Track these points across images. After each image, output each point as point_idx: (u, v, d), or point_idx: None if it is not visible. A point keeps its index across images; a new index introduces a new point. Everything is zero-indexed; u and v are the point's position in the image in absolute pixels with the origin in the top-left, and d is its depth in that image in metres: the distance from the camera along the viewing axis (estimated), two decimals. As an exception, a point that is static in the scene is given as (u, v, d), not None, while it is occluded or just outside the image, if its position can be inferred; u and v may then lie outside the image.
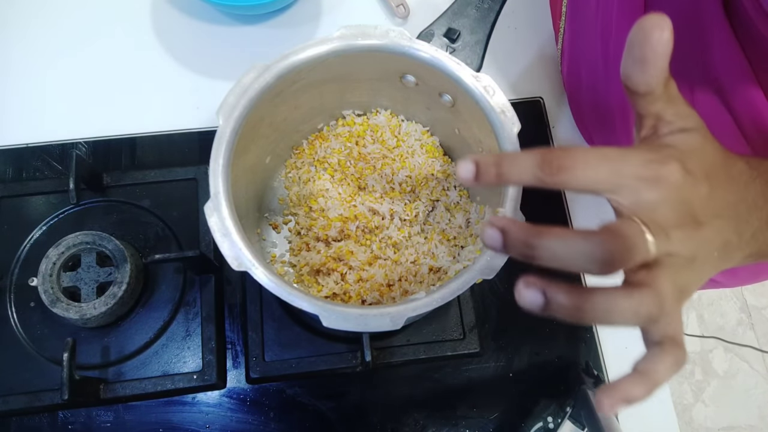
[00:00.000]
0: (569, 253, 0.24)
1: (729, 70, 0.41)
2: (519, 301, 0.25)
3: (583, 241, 0.24)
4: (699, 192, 0.26)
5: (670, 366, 0.26)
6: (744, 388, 1.42)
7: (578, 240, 0.24)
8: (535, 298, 0.24)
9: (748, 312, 1.50)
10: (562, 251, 0.24)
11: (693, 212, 0.26)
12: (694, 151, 0.27)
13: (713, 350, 1.46)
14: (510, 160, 0.27)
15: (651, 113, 0.29)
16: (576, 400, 0.53)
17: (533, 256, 0.25)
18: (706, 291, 1.52)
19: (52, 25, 0.67)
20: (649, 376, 0.26)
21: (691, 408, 1.40)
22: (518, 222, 0.26)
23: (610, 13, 0.49)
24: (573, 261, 0.24)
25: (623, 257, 0.23)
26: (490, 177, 0.27)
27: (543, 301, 0.24)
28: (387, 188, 0.54)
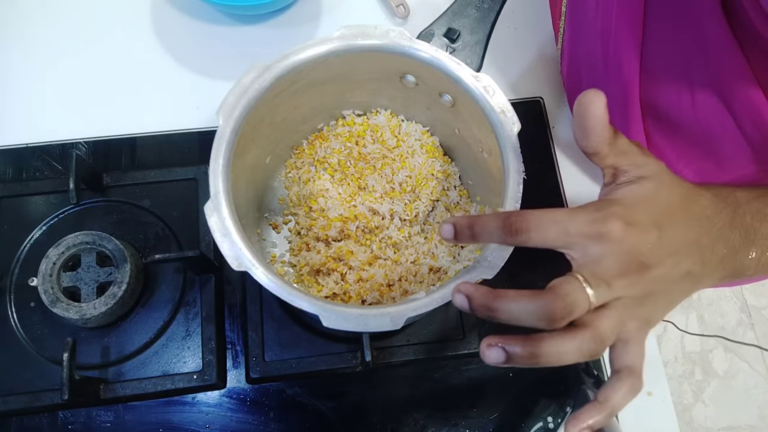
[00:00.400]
0: (520, 314, 0.29)
1: (728, 70, 0.41)
2: (485, 360, 0.29)
3: (531, 302, 0.28)
4: (646, 239, 0.30)
5: (625, 394, 0.30)
6: (744, 388, 1.42)
7: (527, 301, 0.29)
8: (498, 355, 0.29)
9: (748, 312, 1.50)
10: (515, 312, 0.29)
11: (639, 258, 0.30)
12: (643, 201, 0.31)
13: (713, 350, 1.46)
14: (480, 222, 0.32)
15: (607, 166, 0.33)
16: (576, 400, 0.53)
17: (494, 317, 0.30)
18: (706, 291, 1.52)
19: (52, 25, 0.67)
20: (607, 403, 0.30)
21: (691, 408, 1.40)
22: (480, 288, 0.30)
23: (610, 13, 0.49)
24: (524, 319, 0.29)
25: (564, 313, 0.28)
26: (466, 237, 0.33)
27: (504, 356, 0.29)
28: (387, 188, 0.54)
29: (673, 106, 0.47)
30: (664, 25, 0.45)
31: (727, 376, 1.43)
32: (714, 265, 0.33)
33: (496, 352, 0.29)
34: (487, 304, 0.30)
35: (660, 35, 0.46)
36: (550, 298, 0.28)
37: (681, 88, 0.45)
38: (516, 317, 0.29)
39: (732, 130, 0.44)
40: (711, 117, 0.44)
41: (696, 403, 1.41)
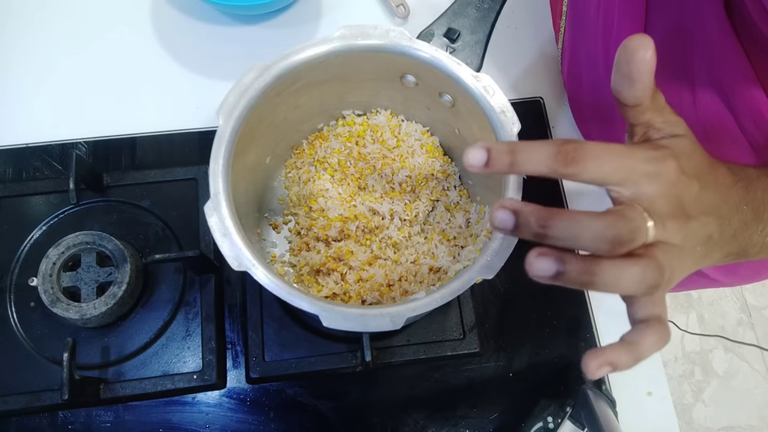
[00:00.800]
0: (581, 232, 0.26)
1: (731, 70, 0.41)
2: (531, 271, 0.26)
3: (594, 220, 0.26)
4: (690, 189, 0.29)
5: (655, 341, 0.28)
6: (744, 388, 1.42)
7: (590, 220, 0.26)
8: (549, 266, 0.26)
9: (748, 312, 1.50)
10: (574, 230, 0.26)
11: (684, 207, 0.29)
12: (686, 153, 0.30)
13: (713, 350, 1.46)
14: (526, 148, 0.28)
15: (641, 122, 0.31)
16: (576, 400, 0.53)
17: (546, 234, 0.26)
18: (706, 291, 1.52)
19: (52, 25, 0.67)
20: (636, 347, 0.28)
21: (691, 408, 1.40)
22: (529, 203, 0.27)
23: (612, 13, 0.49)
24: (584, 240, 0.26)
25: (629, 237, 0.26)
26: (503, 165, 0.28)
27: (557, 268, 0.26)
28: (387, 188, 0.54)
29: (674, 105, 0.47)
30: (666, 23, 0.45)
31: (727, 376, 1.43)
32: (728, 237, 0.32)
33: (547, 262, 0.26)
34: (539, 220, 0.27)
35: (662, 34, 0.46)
36: (616, 218, 0.26)
37: (682, 87, 0.45)
38: (573, 236, 0.26)
39: (733, 130, 0.44)
40: (712, 117, 0.44)
41: (696, 403, 1.41)
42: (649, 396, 0.56)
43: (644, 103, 0.30)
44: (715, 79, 0.43)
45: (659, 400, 0.56)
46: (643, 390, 0.56)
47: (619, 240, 0.26)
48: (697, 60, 0.43)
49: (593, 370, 0.28)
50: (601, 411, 0.50)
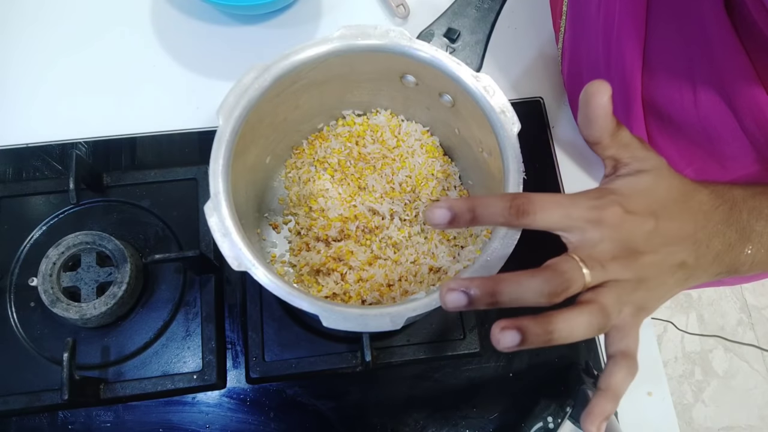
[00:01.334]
0: (523, 293, 0.29)
1: (731, 69, 0.41)
2: (499, 346, 0.29)
3: (531, 279, 0.29)
4: (642, 227, 0.31)
5: (624, 377, 0.32)
6: (744, 388, 1.42)
7: (528, 280, 0.29)
8: (513, 337, 0.29)
9: (748, 312, 1.50)
10: (517, 292, 0.29)
11: (634, 245, 0.31)
12: (642, 192, 0.32)
13: (713, 350, 1.46)
14: (483, 206, 0.31)
15: (607, 157, 0.34)
16: (576, 400, 0.53)
17: (496, 302, 0.30)
18: (706, 291, 1.52)
19: (51, 25, 0.67)
20: (610, 389, 0.32)
21: (691, 408, 1.40)
22: (474, 279, 0.30)
23: (613, 12, 0.49)
24: (527, 298, 0.29)
25: (564, 287, 0.29)
26: (465, 221, 0.31)
27: (520, 338, 0.29)
28: (387, 188, 0.54)
29: (676, 105, 0.47)
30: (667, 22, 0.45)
31: (727, 376, 1.43)
32: (709, 260, 0.34)
33: (511, 335, 0.29)
34: (488, 291, 0.30)
35: (662, 33, 0.46)
36: (549, 273, 0.29)
37: (683, 86, 0.45)
38: (519, 296, 0.29)
39: (734, 129, 0.44)
40: (713, 116, 0.44)
41: (696, 403, 1.41)
42: (649, 396, 0.56)
43: (603, 141, 0.33)
44: (716, 78, 0.43)
45: (659, 400, 0.56)
46: (643, 390, 0.56)
47: (555, 292, 0.29)
48: (697, 59, 0.43)
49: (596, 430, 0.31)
50: (601, 411, 0.50)
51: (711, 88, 0.43)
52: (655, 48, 0.47)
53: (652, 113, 0.50)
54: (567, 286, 0.29)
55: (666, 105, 0.48)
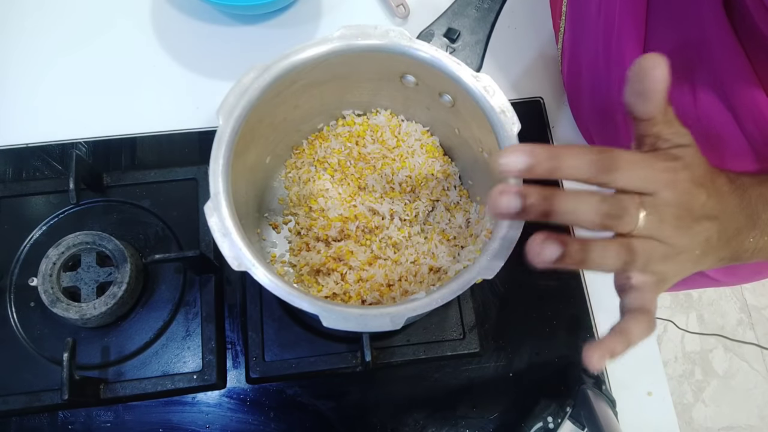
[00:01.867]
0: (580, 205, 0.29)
1: (731, 69, 0.41)
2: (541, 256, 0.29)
3: (591, 196, 0.29)
4: (699, 197, 0.32)
5: (642, 330, 0.32)
6: (744, 388, 1.42)
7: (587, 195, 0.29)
8: (554, 249, 0.28)
9: (748, 312, 1.50)
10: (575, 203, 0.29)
11: (691, 212, 0.31)
12: (694, 163, 0.32)
13: (713, 350, 1.46)
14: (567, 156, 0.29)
15: (651, 134, 0.33)
16: (576, 400, 0.53)
17: (552, 210, 0.29)
18: (706, 291, 1.52)
19: (51, 25, 0.67)
20: (626, 335, 0.31)
21: (691, 408, 1.40)
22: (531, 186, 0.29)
23: (613, 13, 0.49)
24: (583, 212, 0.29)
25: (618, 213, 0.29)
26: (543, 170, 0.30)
27: (560, 251, 0.29)
28: (387, 188, 0.54)
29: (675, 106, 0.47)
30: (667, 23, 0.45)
31: (727, 375, 1.43)
32: (724, 242, 0.34)
33: (553, 247, 0.28)
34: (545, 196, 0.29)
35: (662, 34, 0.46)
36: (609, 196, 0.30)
37: (682, 86, 0.45)
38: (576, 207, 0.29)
39: (733, 130, 0.44)
40: (712, 116, 0.44)
41: (696, 403, 1.41)
42: (649, 396, 0.56)
43: (656, 117, 0.32)
44: (715, 79, 0.43)
45: (659, 400, 0.56)
46: (643, 390, 0.56)
47: (609, 214, 0.29)
48: (697, 60, 0.43)
49: (596, 361, 0.30)
50: (601, 411, 0.50)
51: (710, 89, 0.43)
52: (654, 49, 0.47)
53: None
54: (621, 214, 0.29)
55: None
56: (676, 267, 0.33)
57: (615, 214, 0.29)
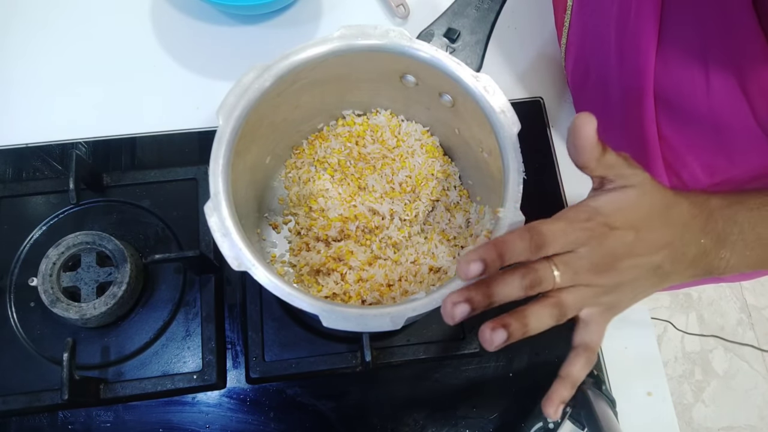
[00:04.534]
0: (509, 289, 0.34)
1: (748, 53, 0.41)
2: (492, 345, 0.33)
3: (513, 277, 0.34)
4: (624, 240, 0.35)
5: (581, 367, 0.37)
6: (744, 388, 1.42)
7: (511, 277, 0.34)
8: (502, 335, 0.33)
9: (748, 312, 1.50)
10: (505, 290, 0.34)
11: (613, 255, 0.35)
12: (624, 208, 0.36)
13: (713, 350, 1.46)
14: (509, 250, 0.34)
15: (595, 176, 0.37)
16: (576, 400, 0.53)
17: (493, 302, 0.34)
18: (706, 291, 1.52)
19: (51, 25, 0.67)
20: (569, 377, 0.37)
21: (691, 408, 1.40)
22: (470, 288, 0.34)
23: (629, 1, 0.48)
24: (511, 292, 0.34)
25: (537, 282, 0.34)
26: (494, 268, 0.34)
27: (506, 334, 0.33)
28: (387, 188, 0.54)
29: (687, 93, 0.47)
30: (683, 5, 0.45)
31: (727, 376, 1.43)
32: (685, 265, 0.38)
33: (500, 333, 0.33)
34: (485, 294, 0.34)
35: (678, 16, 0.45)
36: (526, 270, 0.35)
37: (696, 72, 0.45)
38: (507, 292, 0.34)
39: (746, 118, 0.44)
40: (725, 103, 0.44)
41: (696, 403, 1.41)
42: (649, 396, 0.56)
43: (590, 165, 0.36)
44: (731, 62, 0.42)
45: (659, 400, 0.56)
46: (643, 390, 0.56)
47: (530, 285, 0.34)
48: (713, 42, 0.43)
49: (554, 413, 0.36)
50: (601, 411, 0.50)
51: (725, 73, 0.43)
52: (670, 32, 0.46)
53: (662, 104, 0.50)
54: (539, 281, 0.34)
55: (677, 93, 0.47)
56: (624, 296, 0.37)
57: (535, 283, 0.34)
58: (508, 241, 0.34)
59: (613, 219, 0.36)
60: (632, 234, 0.35)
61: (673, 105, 0.49)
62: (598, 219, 0.35)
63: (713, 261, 0.38)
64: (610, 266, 0.35)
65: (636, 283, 0.37)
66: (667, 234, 0.36)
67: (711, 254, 0.38)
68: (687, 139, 0.50)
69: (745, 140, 0.45)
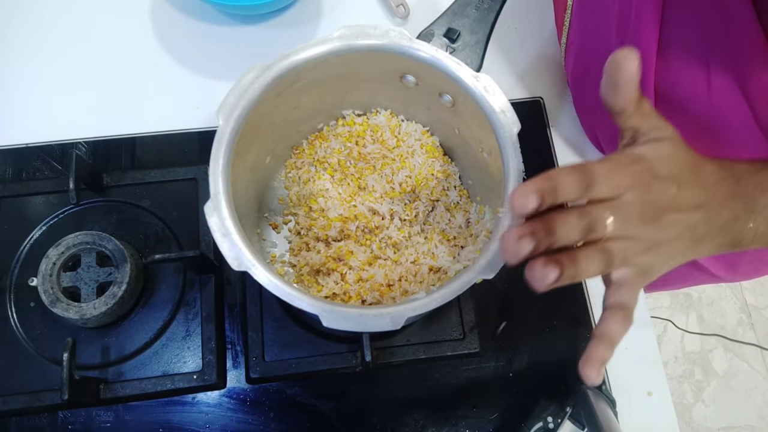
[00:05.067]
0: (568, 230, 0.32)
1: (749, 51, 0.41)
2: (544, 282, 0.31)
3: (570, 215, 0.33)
4: (667, 192, 0.34)
5: (619, 326, 0.34)
6: (744, 388, 1.42)
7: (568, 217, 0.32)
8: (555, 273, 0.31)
9: (748, 312, 1.50)
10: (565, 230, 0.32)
11: (657, 208, 0.34)
12: (664, 158, 0.34)
13: (713, 350, 1.46)
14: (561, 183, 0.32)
15: (628, 126, 0.35)
16: (576, 400, 0.53)
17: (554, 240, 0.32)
18: (706, 291, 1.52)
19: (51, 25, 0.67)
20: (607, 338, 0.34)
21: (691, 408, 1.40)
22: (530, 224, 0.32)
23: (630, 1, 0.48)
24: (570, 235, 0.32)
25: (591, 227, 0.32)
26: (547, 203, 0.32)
27: (558, 272, 0.31)
28: (387, 188, 0.54)
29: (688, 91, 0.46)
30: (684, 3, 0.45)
31: (727, 376, 1.43)
32: (717, 229, 0.36)
33: (553, 270, 0.31)
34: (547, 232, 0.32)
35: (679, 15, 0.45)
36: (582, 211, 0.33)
37: (697, 70, 0.45)
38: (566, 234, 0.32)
39: (746, 119, 0.44)
40: (725, 102, 0.44)
41: (696, 403, 1.41)
42: (649, 396, 0.56)
43: (629, 109, 0.34)
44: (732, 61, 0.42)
45: (659, 400, 0.56)
46: (643, 390, 0.56)
47: (586, 228, 0.32)
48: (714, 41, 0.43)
49: (596, 376, 0.33)
50: (601, 411, 0.50)
51: (725, 72, 0.43)
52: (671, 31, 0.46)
53: (662, 102, 0.50)
54: (594, 224, 0.32)
55: (678, 91, 0.47)
56: (660, 258, 0.35)
57: (591, 226, 0.32)
58: (560, 175, 0.32)
59: (657, 167, 0.34)
60: (674, 187, 0.34)
61: (674, 103, 0.49)
62: (642, 164, 0.34)
63: (743, 229, 0.37)
64: (654, 218, 0.34)
65: (673, 244, 0.35)
66: (704, 193, 0.35)
67: (741, 221, 0.36)
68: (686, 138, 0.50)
69: (745, 141, 0.45)
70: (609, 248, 0.33)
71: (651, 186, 0.33)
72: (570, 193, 0.32)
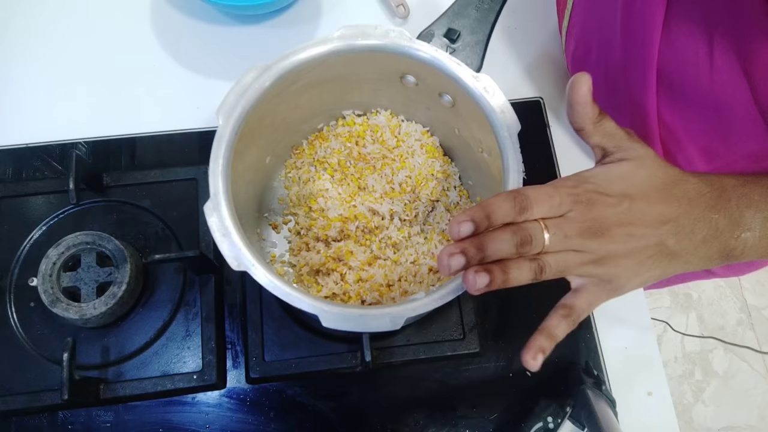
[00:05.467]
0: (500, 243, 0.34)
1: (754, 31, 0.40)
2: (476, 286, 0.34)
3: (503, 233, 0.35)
4: (616, 207, 0.35)
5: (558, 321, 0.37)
6: (744, 388, 1.42)
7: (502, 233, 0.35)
8: (485, 279, 0.34)
9: (748, 312, 1.50)
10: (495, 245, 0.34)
11: (605, 222, 0.35)
12: (618, 177, 0.36)
13: (713, 350, 1.46)
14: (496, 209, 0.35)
15: (593, 144, 0.38)
16: (576, 400, 0.53)
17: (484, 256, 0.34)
18: (706, 291, 1.52)
19: (51, 25, 0.67)
20: (545, 330, 0.37)
21: (691, 408, 1.40)
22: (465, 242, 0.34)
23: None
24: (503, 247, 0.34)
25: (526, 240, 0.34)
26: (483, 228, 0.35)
27: (489, 278, 0.34)
28: (387, 188, 0.54)
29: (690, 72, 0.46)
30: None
31: (727, 376, 1.43)
32: (695, 244, 0.37)
33: (483, 276, 0.34)
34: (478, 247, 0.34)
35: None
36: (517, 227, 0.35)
37: (701, 50, 0.45)
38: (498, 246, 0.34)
39: (747, 101, 0.43)
40: (727, 84, 0.44)
41: (696, 403, 1.41)
42: (649, 396, 0.56)
43: (587, 127, 0.37)
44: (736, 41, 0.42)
45: (659, 400, 0.56)
46: (643, 390, 0.56)
47: (520, 242, 0.34)
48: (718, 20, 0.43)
49: (532, 361, 0.36)
50: (601, 411, 0.50)
51: (729, 52, 0.43)
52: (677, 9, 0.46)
53: (663, 85, 0.50)
54: (529, 239, 0.34)
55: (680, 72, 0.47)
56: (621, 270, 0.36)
57: (525, 241, 0.35)
58: (494, 203, 0.35)
59: (603, 187, 0.36)
60: (626, 203, 0.35)
61: (675, 84, 0.48)
62: (585, 186, 0.36)
63: (729, 241, 0.37)
64: (600, 231, 0.35)
65: (634, 256, 0.36)
66: (669, 209, 0.36)
67: (725, 233, 0.37)
68: (686, 122, 0.50)
69: (744, 124, 0.45)
70: (542, 259, 0.36)
71: (595, 203, 0.35)
72: (504, 217, 0.35)
